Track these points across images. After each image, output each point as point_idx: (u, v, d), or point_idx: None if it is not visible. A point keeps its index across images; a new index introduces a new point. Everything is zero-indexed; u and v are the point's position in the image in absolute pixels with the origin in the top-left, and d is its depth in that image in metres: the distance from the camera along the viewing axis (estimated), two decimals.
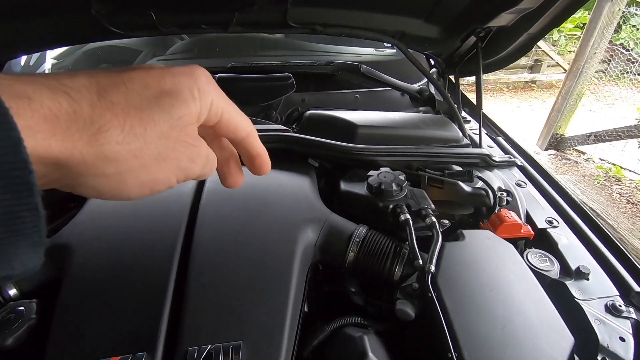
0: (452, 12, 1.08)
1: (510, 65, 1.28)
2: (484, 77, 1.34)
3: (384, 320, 0.74)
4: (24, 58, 1.53)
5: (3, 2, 0.93)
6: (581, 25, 5.99)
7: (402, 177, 0.89)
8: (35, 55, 1.55)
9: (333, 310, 0.79)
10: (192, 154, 0.33)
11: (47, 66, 1.55)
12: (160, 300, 0.61)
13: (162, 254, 0.69)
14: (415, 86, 1.45)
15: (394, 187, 0.86)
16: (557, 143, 3.70)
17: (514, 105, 6.00)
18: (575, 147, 3.70)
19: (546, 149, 3.76)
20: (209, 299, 0.63)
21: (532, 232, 0.85)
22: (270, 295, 0.65)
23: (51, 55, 1.58)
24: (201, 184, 0.86)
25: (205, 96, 0.32)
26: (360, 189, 0.91)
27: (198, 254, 0.69)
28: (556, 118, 3.54)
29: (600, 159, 3.64)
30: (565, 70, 6.29)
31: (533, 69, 6.54)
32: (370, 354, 0.60)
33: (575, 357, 0.62)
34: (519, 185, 1.03)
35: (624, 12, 3.30)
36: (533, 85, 6.70)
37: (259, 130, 1.03)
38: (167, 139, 0.30)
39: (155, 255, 0.69)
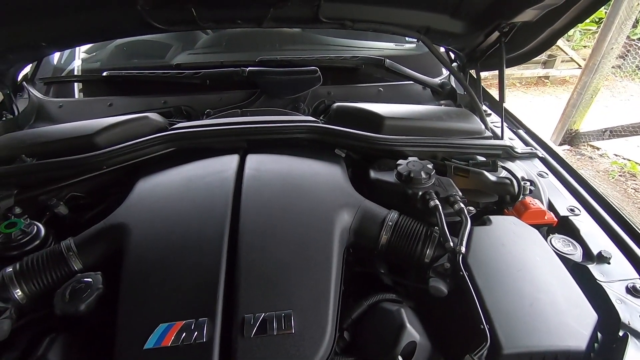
0: (478, 7, 1.12)
1: None
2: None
3: (415, 298, 0.80)
4: (56, 55, 1.59)
5: None
6: (597, 20, 5.90)
7: (430, 166, 0.93)
8: (66, 52, 1.61)
9: (364, 289, 0.84)
10: None
11: (77, 63, 1.61)
12: (215, 273, 0.67)
13: (212, 232, 0.75)
14: (437, 80, 1.48)
15: (423, 175, 0.90)
16: (571, 138, 3.69)
17: (526, 100, 5.95)
18: (589, 143, 3.69)
19: (560, 144, 3.75)
20: (259, 272, 0.69)
21: (555, 219, 0.89)
22: (314, 271, 0.70)
23: (83, 50, 1.64)
24: (241, 170, 0.92)
25: None
26: (389, 177, 0.96)
27: (245, 232, 0.75)
28: (571, 113, 3.53)
29: (615, 155, 3.63)
30: (579, 65, 6.21)
31: (546, 64, 6.46)
32: (408, 325, 0.65)
33: (598, 333, 0.66)
34: (540, 175, 1.07)
35: None
36: (546, 80, 6.62)
37: (289, 122, 1.09)
38: None
39: (206, 233, 0.75)
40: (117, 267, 0.73)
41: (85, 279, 0.70)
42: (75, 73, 1.55)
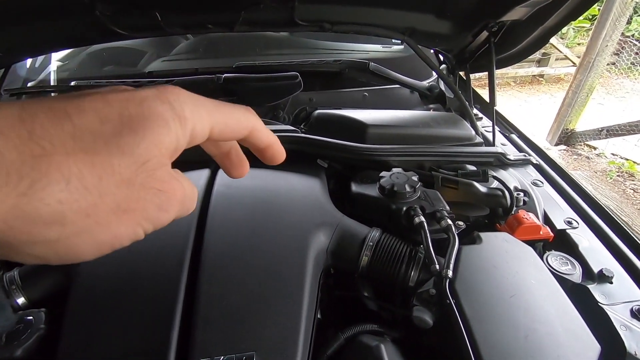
0: (464, 6, 1.05)
1: None
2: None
3: (400, 327, 0.72)
4: (29, 61, 1.52)
5: (7, 6, 0.92)
6: (590, 17, 5.88)
7: (415, 178, 0.86)
8: (40, 58, 1.54)
9: (345, 316, 0.77)
10: (162, 202, 0.26)
11: (52, 68, 1.54)
12: (170, 310, 0.60)
13: (171, 261, 0.67)
14: (425, 83, 1.41)
15: (407, 189, 0.83)
16: (567, 138, 3.63)
17: (521, 99, 5.91)
18: (586, 142, 3.63)
19: (556, 145, 3.70)
20: (220, 309, 0.61)
21: (552, 234, 0.82)
22: (282, 304, 0.63)
23: (56, 58, 1.57)
24: (210, 188, 0.85)
25: (184, 124, 0.25)
26: (372, 190, 0.89)
27: (208, 262, 0.67)
28: (566, 113, 3.47)
29: (613, 154, 3.57)
30: (574, 63, 6.18)
31: (541, 62, 6.44)
32: None
33: None
34: (535, 184, 1.00)
35: (637, 2, 3.21)
36: (541, 79, 6.60)
37: None
38: (130, 187, 0.23)
39: (164, 263, 0.68)
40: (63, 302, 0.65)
41: (27, 317, 0.63)
42: (52, 82, 1.48)
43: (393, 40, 1.65)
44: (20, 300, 0.67)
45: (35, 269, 0.71)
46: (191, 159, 0.93)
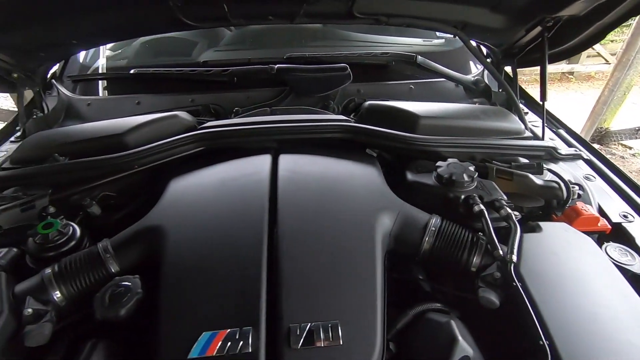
0: (522, 1, 1.06)
1: None
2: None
3: (456, 307, 0.76)
4: (82, 53, 1.59)
5: None
6: None
7: (472, 169, 0.89)
8: (91, 50, 1.61)
9: (401, 298, 0.81)
10: None
11: (101, 61, 1.61)
12: (257, 280, 0.65)
13: (251, 237, 0.73)
14: (470, 77, 1.42)
15: (465, 178, 0.86)
16: (601, 137, 3.55)
17: (550, 97, 5.76)
18: (620, 142, 3.54)
19: None
20: (301, 281, 0.66)
21: (609, 226, 0.83)
22: (358, 278, 0.67)
23: (108, 47, 1.63)
24: (274, 172, 0.89)
25: None
26: (428, 179, 0.92)
27: (285, 239, 0.72)
28: (601, 111, 3.39)
29: None
30: (606, 61, 5.98)
31: (571, 59, 6.24)
32: (460, 339, 0.61)
33: None
34: (587, 179, 1.01)
35: None
36: (570, 76, 6.41)
37: (322, 121, 1.06)
38: None
39: (244, 238, 0.73)
40: (153, 270, 0.71)
41: (124, 283, 0.69)
42: (101, 71, 1.56)
43: (437, 34, 1.65)
44: (114, 268, 0.74)
45: (126, 240, 0.78)
46: (249, 146, 0.99)
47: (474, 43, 1.37)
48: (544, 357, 0.57)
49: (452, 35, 1.27)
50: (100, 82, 1.50)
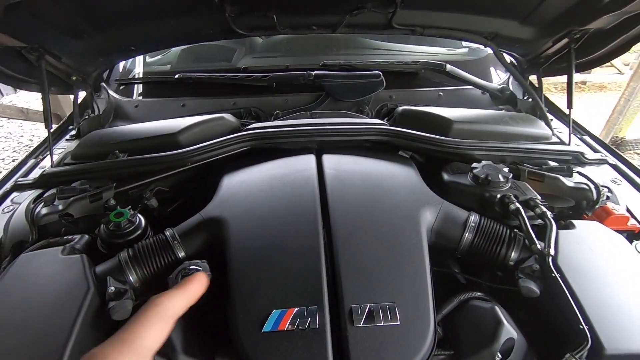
0: (551, 14, 1.12)
1: None
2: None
3: (498, 297, 0.81)
4: (122, 63, 1.68)
5: (145, 3, 1.07)
6: None
7: (506, 170, 0.95)
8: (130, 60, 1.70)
9: (438, 288, 0.86)
10: None
11: (138, 69, 1.70)
12: (317, 264, 0.72)
13: (307, 227, 0.79)
14: (497, 85, 1.49)
15: (501, 179, 0.92)
16: (616, 146, 3.57)
17: (562, 106, 5.78)
18: (636, 151, 3.56)
19: None
20: (358, 266, 0.72)
21: (639, 226, 0.89)
22: (409, 266, 0.73)
23: (144, 59, 1.72)
24: (320, 170, 0.96)
25: None
26: (464, 179, 0.98)
27: (338, 228, 0.79)
28: (617, 120, 3.42)
29: None
30: (619, 71, 6.00)
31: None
32: (505, 322, 0.67)
33: None
34: (614, 182, 1.07)
35: None
36: (583, 86, 6.42)
37: (360, 124, 1.13)
38: None
39: (300, 227, 0.80)
40: (215, 257, 0.78)
41: (193, 266, 0.76)
42: (140, 75, 1.65)
43: (463, 44, 1.72)
44: (181, 254, 0.81)
45: (191, 229, 0.85)
46: (292, 146, 1.07)
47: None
48: (585, 341, 0.62)
49: (478, 45, 1.34)
50: (136, 87, 1.59)
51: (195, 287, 0.62)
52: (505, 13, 1.15)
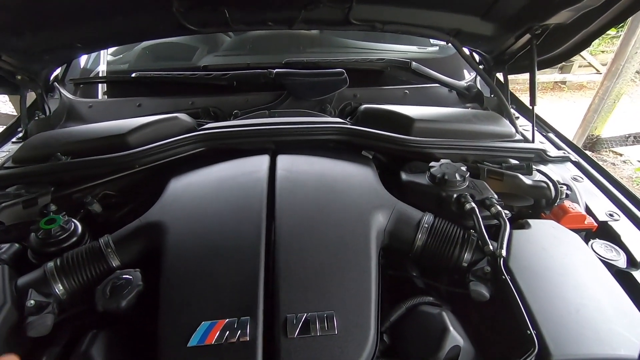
0: (511, 9, 1.10)
1: None
2: (514, 77, 1.36)
3: (448, 302, 0.78)
4: (83, 58, 1.61)
5: (88, 2, 1.02)
6: None
7: (464, 169, 0.92)
8: (93, 55, 1.63)
9: (395, 293, 0.83)
10: None
11: (101, 67, 1.63)
12: (255, 272, 0.67)
13: (249, 231, 0.75)
14: (463, 83, 1.47)
15: (458, 178, 0.89)
16: (592, 144, 3.62)
17: (544, 105, 5.86)
18: (611, 149, 3.61)
19: None
20: (298, 273, 0.68)
21: (596, 224, 0.87)
22: (354, 271, 0.69)
23: (110, 51, 1.66)
24: (272, 171, 0.92)
25: None
26: (422, 179, 0.95)
27: (282, 234, 0.74)
28: (592, 119, 3.46)
29: (639, 161, 3.55)
30: (597, 70, 6.10)
31: (563, 69, 6.36)
32: (451, 328, 0.64)
33: None
34: (575, 179, 1.05)
35: None
36: (563, 85, 6.52)
37: (319, 123, 1.09)
38: None
39: (242, 232, 0.75)
40: (152, 265, 0.73)
41: (125, 276, 0.71)
42: (101, 75, 1.58)
43: (432, 41, 1.70)
44: (115, 262, 0.75)
45: (127, 235, 0.80)
46: (248, 147, 1.02)
47: (466, 50, 1.42)
48: (532, 346, 0.59)
49: (445, 43, 1.32)
50: (100, 86, 1.53)
51: None
52: (465, 9, 1.13)
